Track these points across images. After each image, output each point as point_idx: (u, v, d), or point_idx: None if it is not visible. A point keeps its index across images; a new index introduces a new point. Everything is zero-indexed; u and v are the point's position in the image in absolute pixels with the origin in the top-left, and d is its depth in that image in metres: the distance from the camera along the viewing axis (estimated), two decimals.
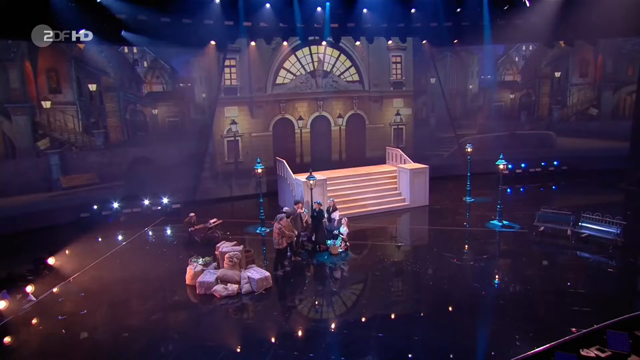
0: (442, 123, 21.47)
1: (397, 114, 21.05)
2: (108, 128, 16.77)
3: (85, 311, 9.07)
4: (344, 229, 12.28)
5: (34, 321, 8.90)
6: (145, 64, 17.43)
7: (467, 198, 17.22)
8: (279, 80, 19.30)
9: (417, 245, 13.16)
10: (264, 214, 14.48)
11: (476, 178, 17.78)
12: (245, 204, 18.03)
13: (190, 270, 10.14)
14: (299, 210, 12.24)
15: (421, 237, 14.14)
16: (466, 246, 12.58)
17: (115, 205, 16.37)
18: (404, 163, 17.68)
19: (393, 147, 19.55)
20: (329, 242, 12.08)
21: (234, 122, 18.87)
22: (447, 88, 21.30)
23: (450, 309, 9.03)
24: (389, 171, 18.09)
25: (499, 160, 14.02)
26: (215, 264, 10.59)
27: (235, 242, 11.18)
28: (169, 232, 14.82)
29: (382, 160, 19.65)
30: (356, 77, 20.27)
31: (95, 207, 16.09)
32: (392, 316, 8.84)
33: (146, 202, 16.72)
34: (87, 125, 16.41)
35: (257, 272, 10.04)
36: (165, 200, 16.88)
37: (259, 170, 14.15)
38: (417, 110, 21.34)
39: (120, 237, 13.80)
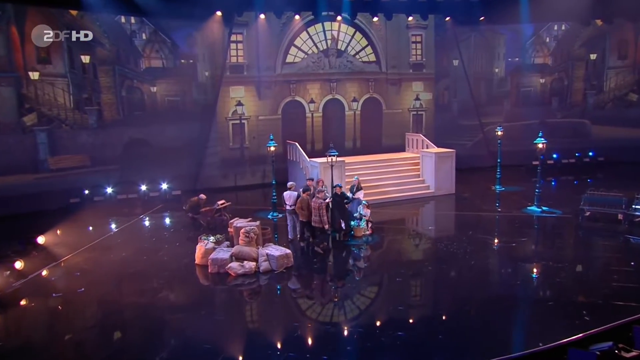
0: (466, 109, 21.25)
1: (417, 98, 20.84)
2: (102, 105, 16.50)
3: (83, 289, 8.80)
4: (363, 210, 11.94)
5: (25, 298, 8.67)
6: (144, 37, 17.11)
7: (497, 187, 16.92)
8: (289, 58, 19.10)
9: (449, 229, 12.99)
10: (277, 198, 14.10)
11: (504, 170, 17.51)
12: (253, 194, 17.62)
13: (200, 248, 9.80)
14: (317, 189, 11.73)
15: (453, 222, 13.89)
16: (504, 230, 12.37)
17: (109, 190, 16.09)
18: (427, 149, 17.36)
19: (414, 133, 19.29)
20: (352, 223, 11.78)
21: (239, 104, 18.63)
22: (471, 71, 21.11)
23: (499, 291, 8.80)
24: (411, 157, 17.87)
25: (538, 139, 13.65)
26: (227, 242, 10.29)
27: (250, 219, 10.87)
28: (169, 219, 14.52)
29: (399, 149, 19.43)
30: (373, 58, 20.09)
31: (86, 191, 15.81)
32: (444, 298, 8.61)
33: (143, 187, 16.43)
34: (79, 100, 16.11)
35: (276, 249, 9.73)
36: (164, 186, 16.60)
37: (272, 148, 13.86)
38: (439, 94, 21.16)
39: (114, 224, 13.48)
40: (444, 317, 7.65)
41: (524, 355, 5.99)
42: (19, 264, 9.45)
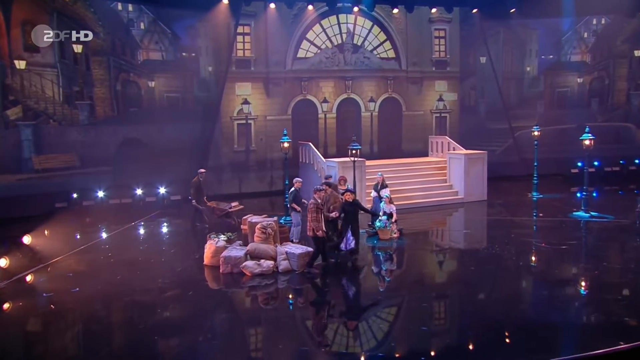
0: (494, 112, 21.14)
1: (440, 99, 20.78)
2: (94, 99, 16.40)
3: (77, 289, 8.59)
4: (385, 206, 11.65)
5: (12, 298, 8.44)
6: (142, 26, 17.22)
7: (534, 194, 16.74)
8: (301, 53, 19.12)
9: (489, 232, 12.89)
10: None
11: (539, 179, 17.41)
12: (259, 202, 17.35)
13: (210, 246, 9.55)
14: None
15: (490, 226, 13.73)
16: (551, 233, 12.11)
17: (100, 194, 15.91)
18: (454, 152, 17.23)
19: (438, 136, 19.16)
20: (377, 223, 11.58)
21: (246, 102, 18.58)
22: (500, 70, 21.07)
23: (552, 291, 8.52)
24: (437, 161, 17.75)
25: (584, 135, 13.38)
26: (240, 242, 10.06)
27: (266, 215, 10.74)
28: (166, 226, 14.34)
29: (421, 154, 19.30)
30: (392, 54, 20.11)
31: (74, 195, 15.60)
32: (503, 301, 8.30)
33: (138, 192, 16.32)
34: (69, 94, 15.99)
35: (297, 247, 9.57)
36: (161, 191, 16.46)
37: (286, 145, 13.76)
38: (464, 95, 21.13)
39: (104, 231, 13.28)
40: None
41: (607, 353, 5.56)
42: (3, 262, 9.01)
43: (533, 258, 10.42)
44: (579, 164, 20.25)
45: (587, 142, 13.57)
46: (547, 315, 7.38)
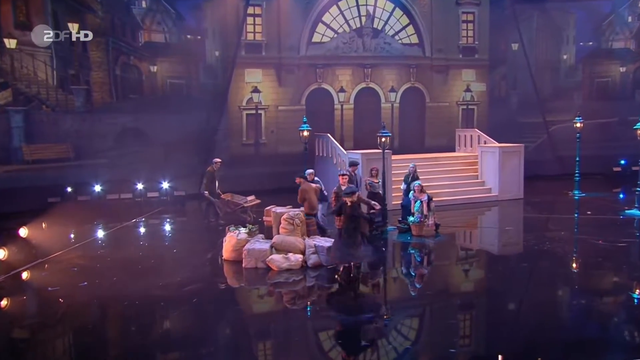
0: (527, 104, 20.93)
1: (467, 89, 20.60)
2: (91, 84, 16.37)
3: (85, 283, 8.54)
4: (415, 196, 11.37)
5: (13, 291, 8.52)
6: (144, 5, 17.18)
7: (576, 192, 16.56)
8: (316, 38, 18.99)
9: (533, 230, 12.54)
10: None
11: (573, 179, 17.31)
12: (271, 199, 16.88)
13: (231, 239, 9.40)
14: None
15: (534, 224, 13.52)
16: (604, 231, 11.77)
17: (97, 188, 15.82)
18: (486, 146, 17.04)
19: (466, 129, 18.99)
20: (410, 218, 11.44)
21: (256, 90, 18.45)
22: (534, 58, 20.91)
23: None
24: (466, 156, 17.55)
25: (638, 124, 13.12)
26: (262, 235, 9.91)
27: (290, 206, 10.48)
28: (173, 223, 14.30)
29: (445, 150, 19.02)
30: (415, 39, 19.94)
31: (69, 189, 15.54)
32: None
33: (139, 186, 16.29)
34: (64, 78, 15.98)
35: (326, 240, 9.46)
36: (164, 186, 16.45)
37: (305, 133, 13.60)
38: (494, 85, 20.96)
39: (101, 229, 13.22)
40: None
41: None
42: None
43: (592, 255, 10.19)
44: (622, 161, 20.15)
45: None
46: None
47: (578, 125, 16.61)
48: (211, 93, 17.94)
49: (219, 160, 13.22)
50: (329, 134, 16.66)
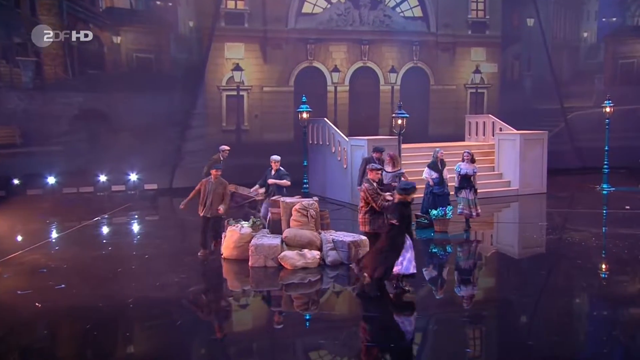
0: (543, 88, 20.94)
1: (477, 70, 20.48)
2: (41, 56, 15.89)
3: (63, 285, 8.13)
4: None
5: None
6: None
7: (605, 186, 16.48)
8: (307, 8, 18.68)
9: (569, 225, 12.61)
10: None
11: (594, 173, 17.25)
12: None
13: (233, 234, 9.02)
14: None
15: (568, 219, 13.45)
16: None
17: (50, 181, 15.57)
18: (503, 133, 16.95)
19: (478, 115, 18.83)
20: (433, 212, 11.19)
21: (237, 68, 18.08)
22: (551, 35, 20.93)
23: None
24: (479, 145, 17.23)
25: None
26: (267, 230, 9.55)
27: (299, 195, 10.26)
28: (144, 221, 13.75)
29: (452, 139, 18.77)
30: (418, 12, 19.75)
31: (15, 181, 15.20)
32: None
33: (102, 178, 15.98)
34: (8, 47, 15.55)
35: (345, 234, 9.23)
36: (132, 178, 16.15)
37: (305, 115, 13.28)
38: (506, 66, 20.91)
39: (55, 229, 12.51)
40: None
41: None
42: None
43: None
44: None
45: None
46: None
47: (608, 110, 16.54)
48: (185, 70, 17.59)
49: (227, 147, 12.77)
50: (325, 119, 16.29)
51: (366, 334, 6.64)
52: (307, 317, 7.18)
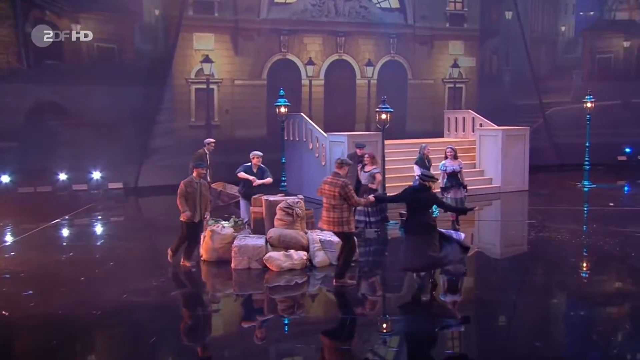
0: (521, 83, 21.18)
1: (455, 64, 20.61)
2: None
3: (31, 292, 7.85)
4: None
5: None
6: None
7: (586, 183, 16.68)
8: None
9: (559, 224, 12.47)
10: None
11: (571, 171, 17.66)
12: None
13: (210, 233, 8.80)
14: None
15: (555, 217, 13.44)
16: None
17: (5, 179, 15.42)
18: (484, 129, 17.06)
19: (457, 110, 18.96)
20: None
21: (207, 60, 17.85)
22: (529, 29, 21.21)
23: None
24: (460, 141, 17.25)
25: None
26: (249, 230, 9.39)
27: (282, 194, 10.26)
28: (101, 225, 13.21)
29: (430, 135, 18.68)
30: (395, 3, 19.78)
31: None
32: None
33: (62, 177, 15.67)
34: None
35: (331, 234, 8.87)
36: (95, 176, 15.91)
37: (283, 109, 13.19)
38: (484, 60, 21.05)
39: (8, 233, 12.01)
40: None
41: None
42: None
43: None
44: (627, 149, 20.38)
45: None
46: None
47: (589, 105, 16.77)
48: (150, 61, 17.25)
49: (212, 140, 12.62)
50: (302, 114, 16.17)
51: (339, 336, 6.56)
52: (286, 322, 7.06)
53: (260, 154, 10.11)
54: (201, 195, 8.50)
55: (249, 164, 10.09)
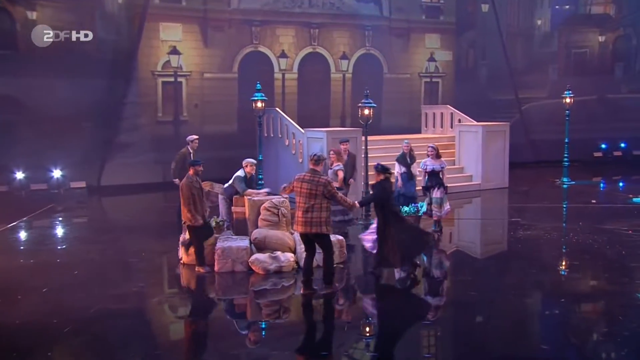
0: (498, 77, 21.40)
1: (431, 58, 20.74)
2: None
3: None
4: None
5: None
6: None
7: (564, 179, 16.85)
8: None
9: (544, 222, 12.51)
10: None
11: (548, 167, 17.86)
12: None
13: None
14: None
15: (541, 214, 13.46)
16: (626, 220, 12.22)
17: None
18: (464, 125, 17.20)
19: (435, 105, 19.00)
20: (405, 209, 10.85)
21: (174, 52, 17.58)
22: (505, 22, 21.45)
23: None
24: (439, 137, 17.35)
25: None
26: (230, 232, 9.29)
27: (267, 190, 9.95)
28: (62, 227, 12.91)
29: (407, 131, 18.79)
30: None
31: None
32: None
33: (19, 175, 15.49)
34: None
35: None
36: (56, 175, 15.57)
37: (260, 104, 12.87)
38: (460, 54, 21.30)
39: None
40: None
41: None
42: None
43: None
44: (603, 145, 20.78)
45: None
46: None
47: (568, 101, 16.95)
48: (114, 53, 16.90)
49: (195, 137, 12.32)
50: (277, 109, 16.09)
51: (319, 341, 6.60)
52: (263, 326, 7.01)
53: (254, 161, 9.89)
54: (202, 194, 8.47)
55: (242, 173, 9.67)
